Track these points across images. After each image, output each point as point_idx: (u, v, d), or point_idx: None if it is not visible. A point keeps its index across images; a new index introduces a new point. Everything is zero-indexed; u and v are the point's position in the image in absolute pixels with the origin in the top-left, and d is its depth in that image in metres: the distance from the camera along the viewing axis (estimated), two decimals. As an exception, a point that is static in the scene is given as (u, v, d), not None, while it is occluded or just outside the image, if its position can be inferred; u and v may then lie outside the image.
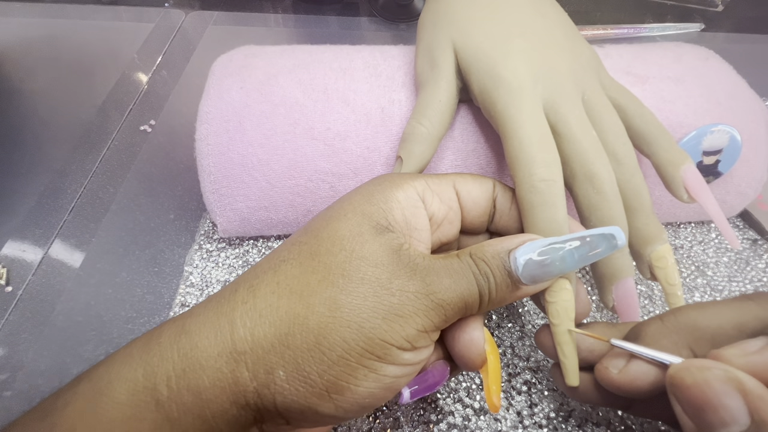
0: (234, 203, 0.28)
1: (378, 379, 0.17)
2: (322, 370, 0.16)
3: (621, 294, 0.22)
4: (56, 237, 0.29)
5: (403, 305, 0.17)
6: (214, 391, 0.16)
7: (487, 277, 0.18)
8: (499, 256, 0.18)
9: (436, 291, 0.17)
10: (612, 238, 0.18)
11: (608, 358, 0.19)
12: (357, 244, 0.18)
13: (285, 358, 0.16)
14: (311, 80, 0.28)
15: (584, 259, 0.18)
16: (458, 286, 0.17)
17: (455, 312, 0.18)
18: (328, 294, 0.17)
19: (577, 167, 0.22)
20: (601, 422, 0.24)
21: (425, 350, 0.18)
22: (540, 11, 0.25)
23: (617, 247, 0.18)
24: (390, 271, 0.17)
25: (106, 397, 0.16)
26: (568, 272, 0.19)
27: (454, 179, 0.21)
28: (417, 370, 0.18)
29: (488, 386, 0.19)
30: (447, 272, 0.18)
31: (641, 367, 0.18)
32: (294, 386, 0.16)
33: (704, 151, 0.28)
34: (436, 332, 0.18)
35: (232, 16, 0.47)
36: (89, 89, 0.41)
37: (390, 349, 0.16)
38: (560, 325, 0.20)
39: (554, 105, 0.22)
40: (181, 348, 0.16)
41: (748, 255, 0.31)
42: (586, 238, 0.18)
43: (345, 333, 0.16)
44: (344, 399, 0.16)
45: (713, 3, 0.52)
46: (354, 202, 0.19)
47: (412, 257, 0.18)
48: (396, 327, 0.16)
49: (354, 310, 0.16)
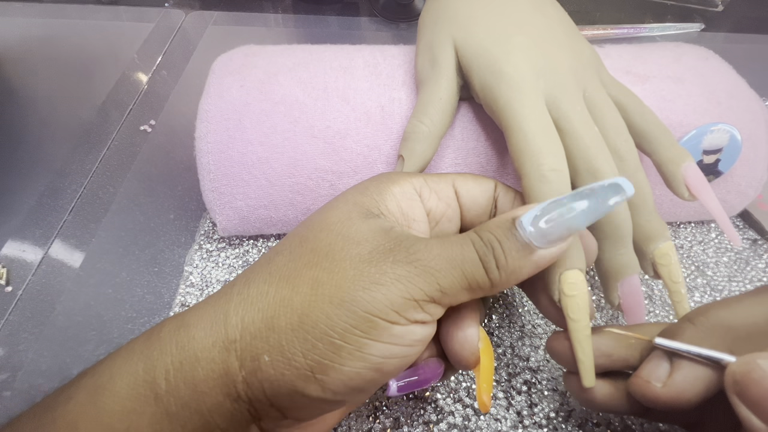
0: (234, 201, 0.28)
1: (364, 357, 0.16)
2: (305, 350, 0.16)
3: (626, 291, 0.22)
4: (56, 237, 0.29)
5: (383, 273, 0.16)
6: (208, 384, 0.16)
7: (491, 245, 0.17)
8: (505, 224, 0.17)
9: (420, 258, 0.16)
10: (619, 188, 0.17)
11: (647, 370, 0.17)
12: (344, 227, 0.18)
13: (270, 342, 0.16)
14: (311, 79, 0.28)
15: (595, 211, 0.17)
16: (449, 252, 0.17)
17: (452, 281, 0.17)
18: (312, 274, 0.17)
19: (580, 163, 0.21)
20: (601, 422, 0.24)
21: (419, 328, 0.17)
22: (540, 10, 0.25)
23: (627, 196, 0.17)
24: (373, 245, 0.17)
25: (107, 391, 0.16)
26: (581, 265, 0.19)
27: (454, 178, 0.21)
28: (410, 354, 0.17)
29: (480, 384, 0.19)
30: (439, 242, 0.17)
31: (688, 377, 0.16)
32: (279, 371, 0.16)
33: (704, 150, 0.28)
34: (432, 305, 0.17)
35: (232, 16, 0.47)
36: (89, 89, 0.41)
37: (374, 321, 0.16)
38: (580, 321, 0.19)
39: (556, 101, 0.22)
40: (180, 341, 0.16)
41: (748, 255, 0.31)
42: (593, 188, 0.17)
43: (327, 308, 0.16)
44: (330, 380, 0.16)
45: (713, 3, 0.52)
46: (347, 195, 0.19)
47: (401, 234, 0.17)
48: (377, 296, 0.16)
49: (335, 284, 0.16)
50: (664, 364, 0.17)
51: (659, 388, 0.17)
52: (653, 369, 0.17)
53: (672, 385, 0.16)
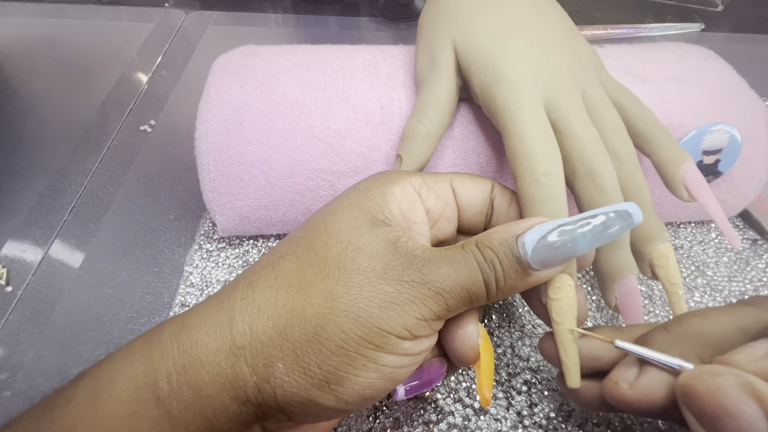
0: (233, 202, 0.28)
1: (377, 369, 0.16)
2: (321, 361, 0.16)
3: (624, 292, 0.22)
4: (56, 237, 0.29)
5: (399, 293, 0.17)
6: (214, 387, 0.16)
7: (493, 265, 0.17)
8: (507, 243, 0.17)
9: (433, 279, 0.17)
10: (627, 216, 0.17)
11: (616, 372, 0.18)
12: (353, 236, 0.18)
13: (284, 350, 0.16)
14: (311, 79, 0.28)
15: (598, 239, 0.17)
16: (458, 275, 0.17)
17: (458, 301, 0.17)
18: (325, 285, 0.17)
19: (578, 164, 0.22)
20: (601, 422, 0.24)
21: (426, 340, 0.18)
22: (540, 10, 0.25)
23: (633, 225, 0.17)
24: (385, 262, 0.17)
25: (107, 394, 0.16)
26: (572, 269, 0.19)
27: (452, 178, 0.21)
28: (418, 361, 0.18)
29: (480, 380, 0.19)
30: (447, 261, 0.17)
31: (654, 379, 0.17)
32: (294, 378, 0.16)
33: (704, 151, 0.28)
34: (438, 322, 0.18)
35: (232, 16, 0.47)
36: (89, 89, 0.41)
37: (388, 337, 0.16)
38: (563, 324, 0.19)
39: (554, 102, 0.22)
40: (182, 345, 0.16)
41: (748, 255, 0.31)
42: (599, 216, 0.17)
43: (342, 323, 0.16)
44: (344, 390, 0.16)
45: (713, 3, 0.52)
46: (351, 198, 0.19)
47: (409, 248, 0.18)
48: (393, 315, 0.16)
49: (350, 299, 0.16)
50: (633, 368, 0.18)
51: (625, 389, 0.17)
52: (623, 371, 0.18)
53: (637, 387, 0.17)
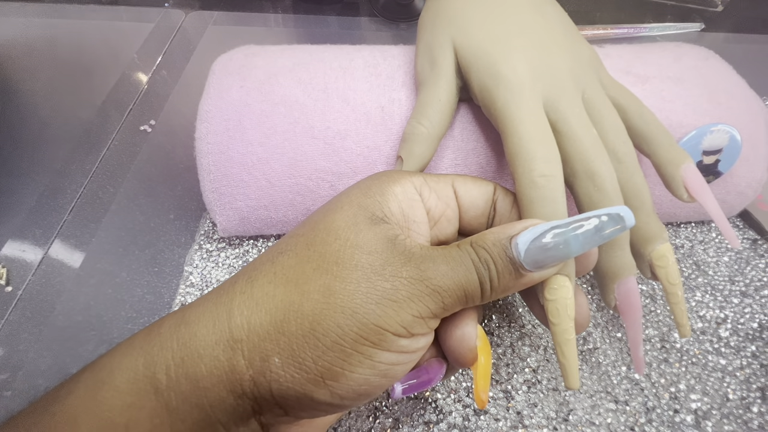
0: (234, 202, 0.28)
1: (373, 365, 0.17)
2: (316, 356, 0.16)
3: (623, 293, 0.22)
4: (56, 237, 0.28)
5: (397, 290, 0.17)
6: (211, 380, 0.16)
7: (488, 265, 0.17)
8: (501, 243, 0.18)
9: (431, 277, 0.17)
10: (620, 219, 0.18)
11: None
12: (352, 233, 0.18)
13: (280, 344, 0.16)
14: (311, 79, 0.28)
15: (590, 242, 0.17)
16: (455, 273, 0.17)
17: (454, 300, 0.17)
18: (323, 281, 0.17)
19: (577, 165, 0.22)
20: (601, 423, 0.24)
21: (422, 338, 0.18)
22: (540, 11, 0.25)
23: (625, 228, 0.18)
24: (384, 258, 0.17)
25: (107, 386, 0.16)
26: (569, 271, 0.19)
27: (453, 179, 0.21)
28: (414, 359, 0.18)
29: (477, 382, 0.19)
30: (444, 260, 0.17)
31: None
32: (289, 373, 0.16)
33: (704, 151, 0.28)
34: (435, 320, 0.18)
35: (232, 16, 0.47)
36: (89, 89, 0.41)
37: (384, 334, 0.16)
38: (559, 325, 0.19)
39: (554, 103, 0.22)
40: (181, 337, 0.16)
41: (748, 255, 0.31)
42: (592, 219, 0.18)
43: (339, 318, 0.16)
44: (339, 385, 0.16)
45: (713, 3, 0.52)
46: (351, 195, 0.19)
47: (407, 246, 0.18)
48: (390, 312, 0.16)
49: (347, 295, 0.16)
50: None
51: None
52: None
53: None
